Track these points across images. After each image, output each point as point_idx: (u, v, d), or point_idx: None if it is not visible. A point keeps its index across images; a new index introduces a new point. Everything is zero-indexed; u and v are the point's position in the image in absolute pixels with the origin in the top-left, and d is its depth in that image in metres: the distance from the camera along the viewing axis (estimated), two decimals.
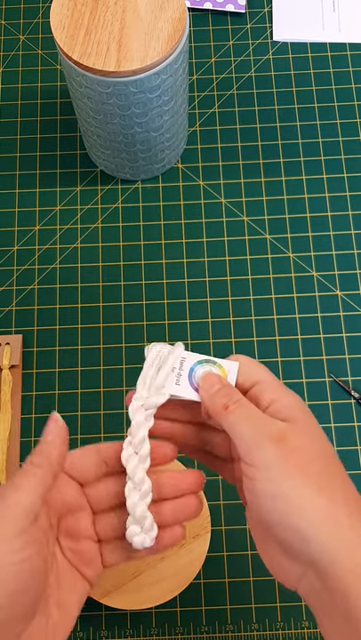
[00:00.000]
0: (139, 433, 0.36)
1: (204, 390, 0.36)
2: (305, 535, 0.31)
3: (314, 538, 0.31)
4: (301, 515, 0.31)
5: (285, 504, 0.32)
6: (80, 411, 0.62)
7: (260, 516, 0.33)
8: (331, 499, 0.32)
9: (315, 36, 0.74)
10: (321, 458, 0.33)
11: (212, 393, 0.35)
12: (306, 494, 0.31)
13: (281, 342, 0.63)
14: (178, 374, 0.37)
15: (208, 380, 0.36)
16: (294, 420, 0.34)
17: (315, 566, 0.31)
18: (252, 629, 0.56)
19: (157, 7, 0.53)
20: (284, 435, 0.33)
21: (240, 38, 0.74)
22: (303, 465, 0.32)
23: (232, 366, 0.37)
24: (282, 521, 0.32)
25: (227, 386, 0.36)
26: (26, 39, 0.75)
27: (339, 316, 0.64)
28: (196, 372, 0.37)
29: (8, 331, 0.64)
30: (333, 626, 0.32)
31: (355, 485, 0.31)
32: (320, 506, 0.31)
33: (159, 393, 0.36)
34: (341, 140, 0.70)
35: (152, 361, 0.37)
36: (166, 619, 0.56)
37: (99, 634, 0.56)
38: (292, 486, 0.32)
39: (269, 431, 0.33)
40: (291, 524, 0.31)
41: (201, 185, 0.69)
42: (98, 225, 0.68)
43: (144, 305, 0.65)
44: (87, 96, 0.55)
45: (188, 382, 0.37)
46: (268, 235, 0.67)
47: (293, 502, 0.31)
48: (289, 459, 0.32)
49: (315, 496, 0.32)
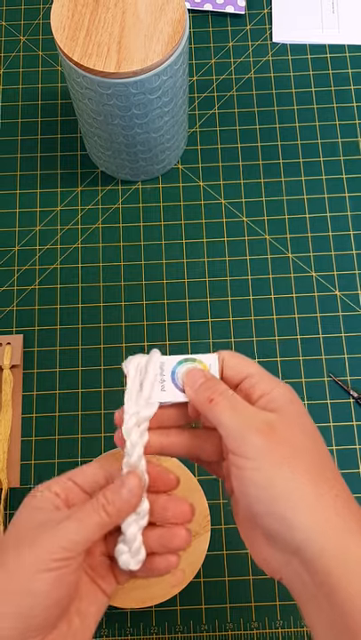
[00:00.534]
0: (134, 453, 0.35)
1: (189, 386, 0.36)
2: (291, 524, 0.31)
3: (300, 526, 0.31)
4: (288, 504, 0.31)
5: (273, 493, 0.32)
6: (80, 410, 0.62)
7: (248, 505, 0.33)
8: (318, 488, 0.32)
9: (314, 38, 0.74)
10: (309, 449, 0.33)
11: (197, 387, 0.35)
12: (293, 484, 0.32)
13: (280, 342, 0.64)
14: (161, 380, 0.37)
15: (192, 376, 0.36)
16: (284, 411, 0.34)
17: (300, 554, 0.32)
18: (251, 628, 0.56)
19: (157, 9, 0.54)
20: (272, 425, 0.33)
21: (240, 40, 0.75)
22: (291, 455, 0.32)
23: (212, 359, 0.37)
24: (269, 510, 0.32)
25: (210, 379, 0.36)
26: (26, 40, 0.75)
27: (338, 316, 0.64)
28: (179, 373, 0.37)
29: (9, 331, 0.64)
30: (319, 613, 0.32)
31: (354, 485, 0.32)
32: (307, 495, 0.32)
33: (148, 404, 0.36)
34: (341, 141, 0.71)
35: (134, 375, 0.37)
36: (166, 617, 0.56)
37: (99, 632, 0.56)
38: (280, 476, 0.32)
39: (257, 422, 0.33)
40: (277, 513, 0.32)
41: (201, 186, 0.69)
42: (98, 225, 0.68)
43: (144, 305, 0.65)
44: (88, 97, 0.56)
45: (173, 385, 0.37)
46: (268, 235, 0.67)
47: (280, 491, 0.32)
48: (277, 449, 0.32)
49: (302, 485, 0.32)
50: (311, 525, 0.31)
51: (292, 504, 0.31)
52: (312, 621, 0.33)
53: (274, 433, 0.33)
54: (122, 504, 0.34)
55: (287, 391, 0.35)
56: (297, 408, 0.35)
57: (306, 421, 0.35)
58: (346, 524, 0.32)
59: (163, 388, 0.37)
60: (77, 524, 0.33)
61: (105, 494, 0.34)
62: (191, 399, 0.36)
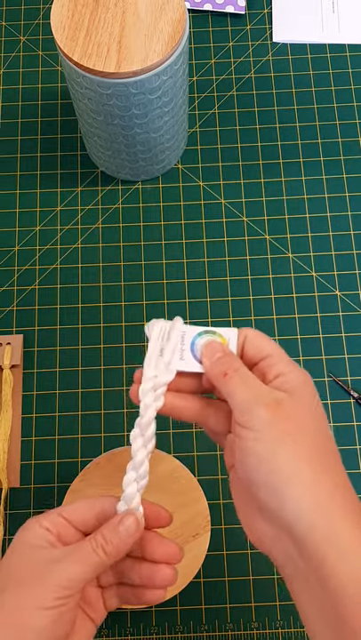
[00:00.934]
0: (147, 414, 0.36)
1: (207, 357, 0.36)
2: (284, 498, 0.32)
3: (293, 502, 0.32)
4: (284, 478, 0.32)
5: (271, 466, 0.32)
6: (80, 410, 0.62)
7: (246, 475, 0.33)
8: (315, 469, 0.32)
9: (314, 38, 0.74)
10: (315, 432, 0.34)
11: (214, 360, 0.36)
12: (292, 460, 0.32)
13: (280, 342, 0.63)
14: (181, 349, 0.37)
15: (210, 348, 0.37)
16: (296, 392, 0.34)
17: (291, 531, 0.32)
18: (251, 628, 0.56)
19: (157, 8, 0.54)
20: (280, 402, 0.34)
21: (240, 39, 0.75)
22: (294, 433, 0.33)
23: (232, 334, 0.37)
24: (265, 481, 0.32)
25: (228, 354, 0.36)
26: (26, 40, 0.75)
27: (338, 316, 0.64)
28: (198, 344, 0.37)
29: (9, 331, 0.64)
30: (308, 592, 0.32)
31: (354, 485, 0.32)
32: (304, 473, 0.32)
33: (167, 370, 0.37)
34: (341, 140, 0.71)
35: (156, 339, 0.37)
36: (166, 617, 0.56)
37: (99, 632, 0.56)
38: (280, 450, 0.32)
39: (266, 398, 0.34)
40: (273, 486, 0.32)
41: (201, 185, 0.69)
42: (98, 225, 0.68)
43: (144, 305, 0.65)
44: (87, 97, 0.56)
45: (192, 355, 0.37)
46: (268, 235, 0.67)
47: (278, 465, 0.32)
48: (281, 424, 0.33)
49: (300, 463, 0.32)
50: (303, 502, 0.32)
51: (287, 478, 0.32)
52: (302, 604, 0.33)
53: (281, 409, 0.33)
54: (119, 543, 0.35)
55: (303, 375, 0.36)
56: (309, 392, 0.35)
57: (316, 407, 0.35)
58: (339, 509, 0.32)
59: (182, 356, 0.37)
60: (78, 565, 0.34)
61: (103, 533, 0.35)
62: (207, 371, 0.36)
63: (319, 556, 0.31)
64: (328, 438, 0.35)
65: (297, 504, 0.32)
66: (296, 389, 0.35)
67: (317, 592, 0.31)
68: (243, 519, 0.36)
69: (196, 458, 0.60)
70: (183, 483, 0.53)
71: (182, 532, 0.52)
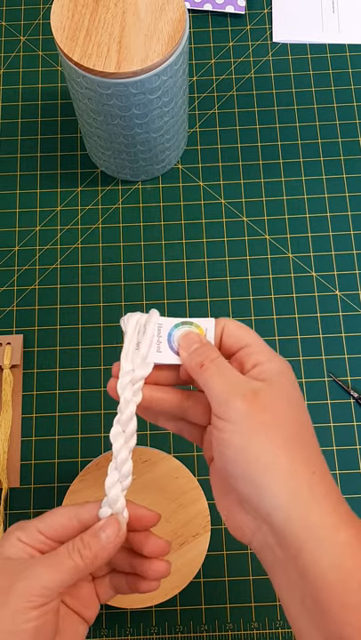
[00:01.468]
0: (127, 410, 0.36)
1: (184, 349, 0.36)
2: (263, 489, 0.32)
3: (270, 492, 0.32)
4: (261, 469, 0.32)
5: (248, 457, 0.32)
6: (80, 410, 0.62)
7: (224, 467, 0.33)
8: (292, 458, 0.32)
9: (314, 38, 0.74)
10: (291, 420, 0.34)
11: (191, 351, 0.36)
12: (268, 450, 0.32)
13: (280, 342, 0.64)
14: (158, 342, 0.37)
15: (187, 339, 0.36)
16: (273, 381, 0.34)
17: (269, 520, 0.32)
18: (251, 628, 0.56)
19: (157, 8, 0.54)
20: (257, 393, 0.33)
21: (240, 39, 0.75)
22: (271, 423, 0.33)
23: (209, 324, 0.37)
24: (243, 473, 0.32)
25: (205, 345, 0.36)
26: (26, 40, 0.75)
27: (338, 316, 0.64)
28: (175, 336, 0.37)
29: (9, 330, 0.64)
30: (287, 580, 0.32)
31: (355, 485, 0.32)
32: (281, 463, 0.32)
33: (144, 364, 0.36)
34: (341, 140, 0.71)
35: (132, 332, 0.37)
36: (166, 617, 0.56)
37: (99, 632, 0.56)
38: (257, 441, 0.32)
39: (243, 388, 0.34)
40: (250, 477, 0.32)
41: (201, 185, 0.69)
42: (98, 225, 0.68)
43: (144, 305, 0.65)
44: (87, 97, 0.56)
45: (169, 347, 0.37)
46: (268, 235, 0.67)
47: (256, 456, 0.32)
48: (258, 415, 0.33)
49: (277, 453, 0.32)
50: (281, 492, 0.32)
51: (264, 469, 0.32)
52: (282, 593, 0.33)
53: (258, 400, 0.33)
54: (99, 550, 0.34)
55: (281, 364, 0.35)
56: (287, 381, 0.35)
57: (293, 395, 0.35)
58: (317, 497, 0.32)
59: (159, 349, 0.37)
60: (49, 570, 0.33)
61: (82, 537, 0.34)
62: (184, 362, 0.36)
63: (297, 545, 0.31)
64: (306, 428, 0.34)
65: (275, 494, 0.32)
66: (274, 378, 0.34)
67: (297, 583, 0.31)
68: (223, 511, 0.36)
69: (196, 458, 0.60)
70: (183, 483, 0.53)
71: (182, 532, 0.52)
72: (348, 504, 0.61)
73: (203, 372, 0.35)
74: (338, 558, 0.31)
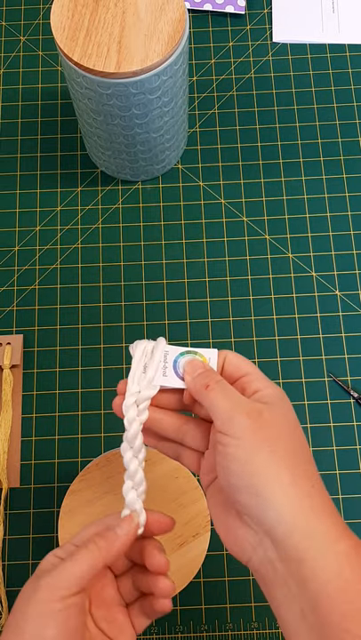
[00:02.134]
0: (132, 428, 0.38)
1: (188, 373, 0.38)
2: (266, 500, 0.33)
3: (273, 503, 0.33)
4: (265, 481, 0.33)
5: (251, 469, 0.34)
6: (80, 410, 0.62)
7: (227, 480, 0.34)
8: (293, 472, 0.34)
9: (314, 38, 0.74)
10: (290, 437, 0.35)
11: (196, 375, 0.38)
12: (271, 464, 0.34)
13: (280, 342, 0.64)
14: (164, 367, 0.39)
15: (192, 365, 0.39)
16: (274, 405, 0.36)
17: (271, 532, 0.33)
18: (251, 628, 0.56)
19: (157, 8, 0.54)
20: (260, 411, 0.35)
21: (240, 39, 0.75)
22: (273, 439, 0.34)
23: (212, 354, 0.39)
24: (246, 485, 0.33)
25: (209, 370, 0.38)
26: (26, 40, 0.75)
27: (338, 316, 0.64)
28: (180, 362, 0.39)
29: (9, 330, 0.64)
30: (287, 594, 0.33)
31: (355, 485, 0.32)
32: (283, 475, 0.33)
33: (150, 386, 0.39)
34: (341, 140, 0.71)
35: (139, 357, 0.40)
36: (166, 617, 0.56)
37: None
38: (260, 455, 0.34)
39: (246, 407, 0.35)
40: (254, 489, 0.33)
41: (201, 185, 0.69)
42: (98, 225, 0.68)
43: (144, 305, 0.65)
44: (87, 97, 0.56)
45: (174, 373, 0.39)
46: (268, 235, 0.67)
47: (259, 469, 0.33)
48: (261, 431, 0.34)
49: (279, 466, 0.34)
50: (283, 503, 0.33)
51: (267, 481, 0.33)
52: (281, 610, 0.33)
53: (261, 418, 0.35)
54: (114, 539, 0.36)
55: (279, 391, 0.38)
56: (286, 405, 0.37)
57: (292, 418, 0.37)
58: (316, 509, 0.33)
59: (165, 373, 0.39)
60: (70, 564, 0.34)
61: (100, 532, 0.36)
62: (189, 386, 0.38)
63: (298, 556, 0.32)
64: (305, 448, 0.36)
65: (277, 505, 0.33)
66: (274, 402, 0.36)
67: (297, 596, 0.32)
68: (223, 531, 0.36)
69: None
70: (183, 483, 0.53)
71: (182, 532, 0.52)
72: (348, 504, 0.61)
73: (208, 393, 0.36)
74: (338, 568, 0.32)
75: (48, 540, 0.58)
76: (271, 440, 0.34)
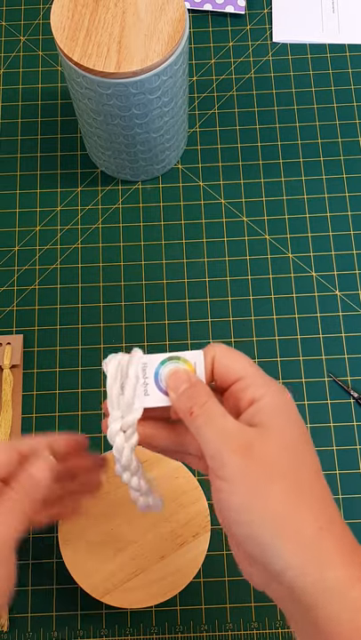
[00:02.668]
0: (123, 456, 0.35)
1: (172, 390, 0.34)
2: (269, 549, 0.30)
3: (277, 553, 0.30)
4: (265, 529, 0.30)
5: (249, 517, 0.31)
6: (80, 410, 0.62)
7: (227, 527, 0.32)
8: (296, 512, 0.31)
9: (314, 38, 0.74)
10: (290, 469, 0.32)
11: (180, 393, 0.34)
12: (270, 509, 0.31)
13: (280, 342, 0.64)
14: (144, 383, 0.34)
15: (175, 379, 0.34)
16: (268, 425, 0.32)
17: (279, 579, 0.31)
18: (251, 628, 0.56)
19: (157, 8, 0.54)
20: (249, 444, 0.31)
21: (240, 39, 0.75)
22: (268, 478, 0.31)
23: (197, 357, 0.34)
24: (246, 534, 0.31)
25: (194, 384, 0.34)
26: (26, 40, 0.75)
27: (338, 316, 0.64)
28: (162, 374, 0.34)
29: (9, 330, 0.64)
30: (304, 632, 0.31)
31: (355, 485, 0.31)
32: (285, 521, 0.30)
33: (132, 410, 0.35)
34: (341, 140, 0.71)
35: (114, 376, 0.35)
36: (166, 617, 0.56)
37: (99, 632, 0.56)
38: (257, 501, 0.31)
39: (235, 441, 0.32)
40: (255, 538, 0.31)
41: (201, 185, 0.69)
42: (98, 225, 0.68)
43: (144, 305, 0.65)
44: (87, 97, 0.56)
45: (157, 388, 0.35)
46: (268, 235, 0.67)
47: (257, 517, 0.31)
48: (253, 471, 0.31)
49: (279, 511, 0.31)
50: (287, 552, 0.30)
51: (267, 529, 0.30)
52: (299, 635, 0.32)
53: (252, 453, 0.31)
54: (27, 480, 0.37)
55: (278, 398, 0.33)
56: (286, 420, 0.33)
57: (291, 436, 0.33)
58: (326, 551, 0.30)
59: (146, 391, 0.35)
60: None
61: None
62: (174, 404, 0.34)
63: (310, 601, 0.30)
64: (312, 471, 0.32)
65: (282, 554, 0.30)
66: (268, 422, 0.32)
67: (312, 633, 0.31)
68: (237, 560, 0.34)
69: None
70: (183, 483, 0.53)
71: (182, 531, 0.52)
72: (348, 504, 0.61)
73: (193, 421, 0.33)
74: (353, 614, 0.30)
75: (48, 538, 0.58)
76: (266, 481, 0.31)
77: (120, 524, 0.52)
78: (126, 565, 0.51)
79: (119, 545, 0.51)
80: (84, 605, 0.57)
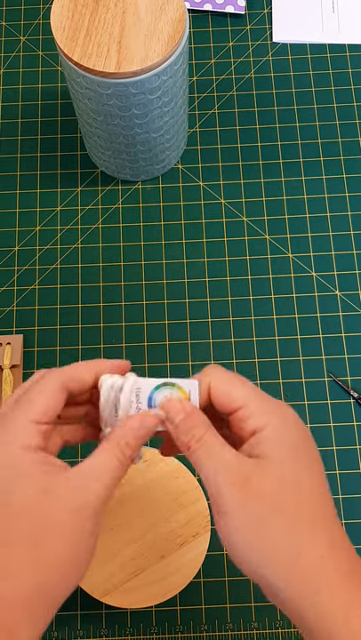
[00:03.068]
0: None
1: (168, 421, 0.34)
2: (271, 585, 0.31)
3: (277, 586, 0.31)
4: (263, 565, 0.31)
5: (245, 549, 0.31)
6: None
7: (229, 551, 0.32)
8: (296, 546, 0.31)
9: (314, 38, 0.74)
10: (289, 502, 0.31)
11: (177, 424, 0.33)
12: (269, 545, 0.31)
13: (280, 342, 0.64)
14: (137, 409, 0.34)
15: (168, 409, 0.34)
16: (268, 457, 0.32)
17: (282, 607, 0.32)
18: (251, 628, 0.56)
19: (157, 8, 0.54)
20: (247, 478, 0.31)
21: (240, 39, 0.75)
22: (266, 514, 0.31)
23: (192, 386, 0.34)
24: (249, 571, 0.31)
25: (189, 414, 0.33)
26: (26, 40, 0.75)
27: (338, 316, 0.64)
28: (156, 400, 0.34)
29: (9, 331, 0.64)
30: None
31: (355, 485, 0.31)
32: (283, 556, 0.31)
33: None
34: (341, 140, 0.71)
35: (106, 399, 0.35)
36: (166, 617, 0.56)
37: (99, 632, 0.56)
38: (254, 538, 0.31)
39: (233, 473, 0.31)
40: (256, 573, 0.31)
41: (201, 185, 0.69)
42: (98, 225, 0.68)
43: (144, 305, 0.65)
44: (87, 97, 0.56)
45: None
46: (268, 235, 0.67)
47: (255, 553, 0.31)
48: (251, 506, 0.31)
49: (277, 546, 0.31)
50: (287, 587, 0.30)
51: (266, 565, 0.31)
52: None
53: (250, 488, 0.31)
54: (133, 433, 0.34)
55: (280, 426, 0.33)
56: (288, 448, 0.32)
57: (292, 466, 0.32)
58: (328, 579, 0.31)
59: None
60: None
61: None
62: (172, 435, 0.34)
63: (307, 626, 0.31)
64: (314, 496, 0.32)
65: (282, 588, 0.31)
66: (273, 451, 0.32)
67: None
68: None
69: None
70: (183, 483, 0.53)
71: (182, 531, 0.52)
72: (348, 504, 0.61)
73: (191, 455, 0.32)
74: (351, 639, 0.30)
75: None
76: (263, 516, 0.31)
77: (120, 524, 0.52)
78: (126, 565, 0.51)
79: (119, 545, 0.51)
80: (84, 605, 0.57)
